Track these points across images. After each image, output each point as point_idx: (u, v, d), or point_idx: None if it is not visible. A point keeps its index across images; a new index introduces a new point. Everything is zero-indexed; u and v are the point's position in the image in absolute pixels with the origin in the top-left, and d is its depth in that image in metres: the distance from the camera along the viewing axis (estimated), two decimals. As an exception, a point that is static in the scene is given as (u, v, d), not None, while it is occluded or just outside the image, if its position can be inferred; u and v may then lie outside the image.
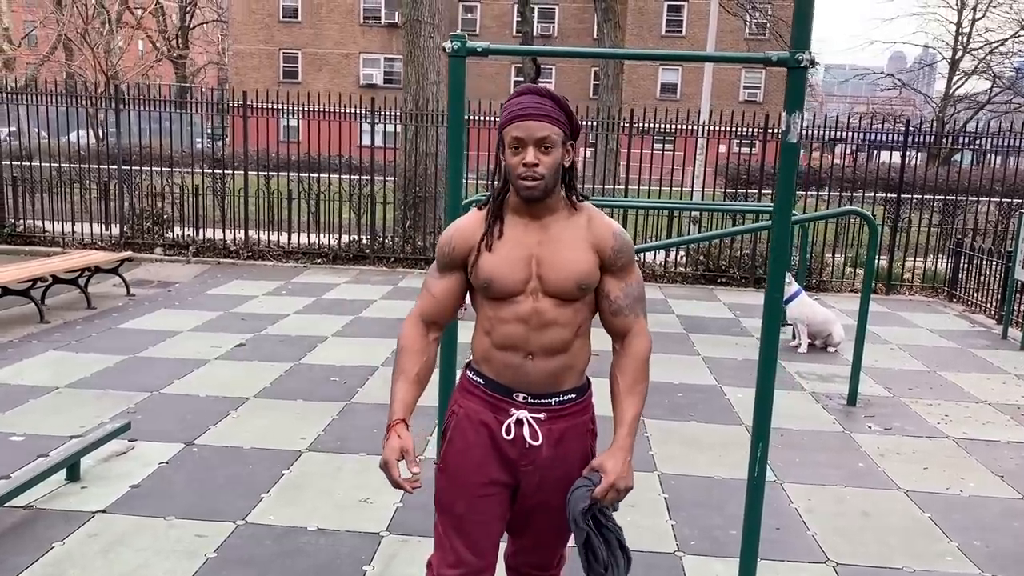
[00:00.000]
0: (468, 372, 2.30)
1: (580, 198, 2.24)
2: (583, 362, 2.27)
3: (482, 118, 11.08)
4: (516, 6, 31.53)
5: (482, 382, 2.24)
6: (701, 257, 11.17)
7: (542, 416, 2.20)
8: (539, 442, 2.20)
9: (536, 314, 2.14)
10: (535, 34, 35.47)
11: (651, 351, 2.28)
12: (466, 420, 2.25)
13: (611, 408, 2.23)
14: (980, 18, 35.90)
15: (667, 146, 11.94)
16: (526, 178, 2.09)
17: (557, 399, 2.22)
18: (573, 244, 2.16)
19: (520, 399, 2.20)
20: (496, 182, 2.26)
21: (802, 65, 2.79)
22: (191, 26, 44.91)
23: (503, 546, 2.37)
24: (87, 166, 12.08)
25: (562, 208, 2.20)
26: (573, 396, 2.25)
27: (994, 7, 35.10)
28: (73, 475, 4.15)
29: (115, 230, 11.68)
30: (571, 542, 2.28)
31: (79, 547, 3.51)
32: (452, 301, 2.25)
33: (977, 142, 12.24)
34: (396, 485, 2.10)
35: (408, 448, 2.11)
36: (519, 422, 2.19)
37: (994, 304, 9.22)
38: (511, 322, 2.16)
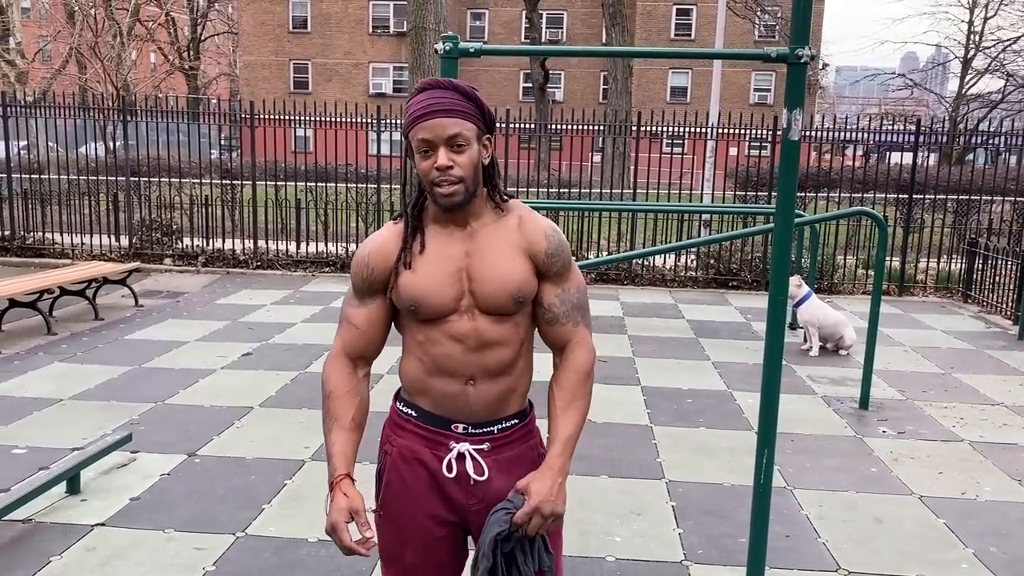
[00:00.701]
0: (398, 404, 2.04)
1: (505, 197, 2.01)
2: (525, 385, 2.03)
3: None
4: (524, 12, 31.56)
5: (415, 414, 1.99)
6: (712, 260, 11.07)
7: (485, 447, 1.96)
8: (484, 476, 1.95)
9: (475, 333, 1.91)
10: (543, 40, 35.51)
11: (593, 363, 2.04)
12: (400, 460, 1.99)
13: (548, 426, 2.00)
14: (992, 16, 35.73)
15: (677, 149, 11.86)
16: (441, 183, 1.85)
17: (499, 426, 1.98)
18: (504, 252, 1.93)
19: (459, 430, 1.95)
20: (410, 192, 2.02)
21: (802, 60, 2.73)
22: (202, 38, 45.26)
23: None
24: (97, 178, 12.13)
25: (488, 211, 1.97)
26: (516, 421, 2.01)
27: (1006, 4, 34.91)
28: (73, 488, 4.12)
29: (124, 241, 11.71)
30: None
31: (77, 561, 3.47)
32: (379, 330, 2.00)
33: (991, 141, 12.10)
34: (348, 551, 1.84)
35: (357, 508, 1.86)
36: (460, 456, 1.95)
37: (1010, 304, 9.08)
38: (446, 343, 1.91)
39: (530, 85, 33.09)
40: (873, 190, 11.95)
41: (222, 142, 17.95)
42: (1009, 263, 9.18)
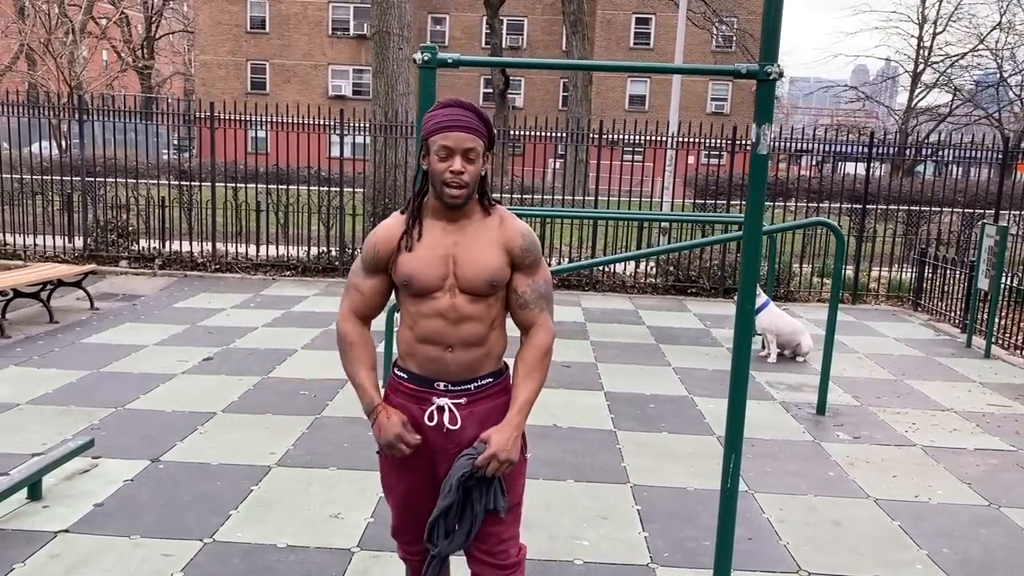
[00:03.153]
0: (395, 370, 2.51)
1: (491, 202, 2.44)
2: (499, 351, 2.46)
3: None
4: (485, 18, 31.63)
5: (406, 377, 2.45)
6: (671, 268, 11.22)
7: (463, 400, 2.41)
8: (457, 425, 2.39)
9: (453, 309, 2.34)
10: (504, 46, 35.62)
11: (552, 343, 2.45)
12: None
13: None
14: (940, 32, 36.71)
15: (636, 157, 12.01)
16: (451, 184, 2.28)
17: (476, 384, 2.42)
18: (486, 245, 2.36)
19: (441, 387, 2.40)
20: (415, 187, 2.44)
21: (771, 77, 2.82)
22: (157, 36, 44.51)
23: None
24: (50, 178, 11.88)
25: (477, 212, 2.41)
26: (490, 380, 2.45)
27: (954, 22, 35.97)
28: (35, 494, 4.05)
29: (79, 243, 11.49)
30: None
31: (41, 568, 3.42)
32: (379, 298, 2.48)
33: (939, 154, 12.46)
34: (412, 448, 2.37)
35: (405, 419, 2.39)
36: (440, 408, 2.40)
37: (958, 313, 9.36)
38: (431, 317, 2.35)
39: (491, 91, 33.15)
40: (828, 200, 12.23)
41: (176, 142, 17.69)
42: (957, 273, 9.47)
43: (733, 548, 3.12)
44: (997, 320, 8.37)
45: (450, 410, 2.39)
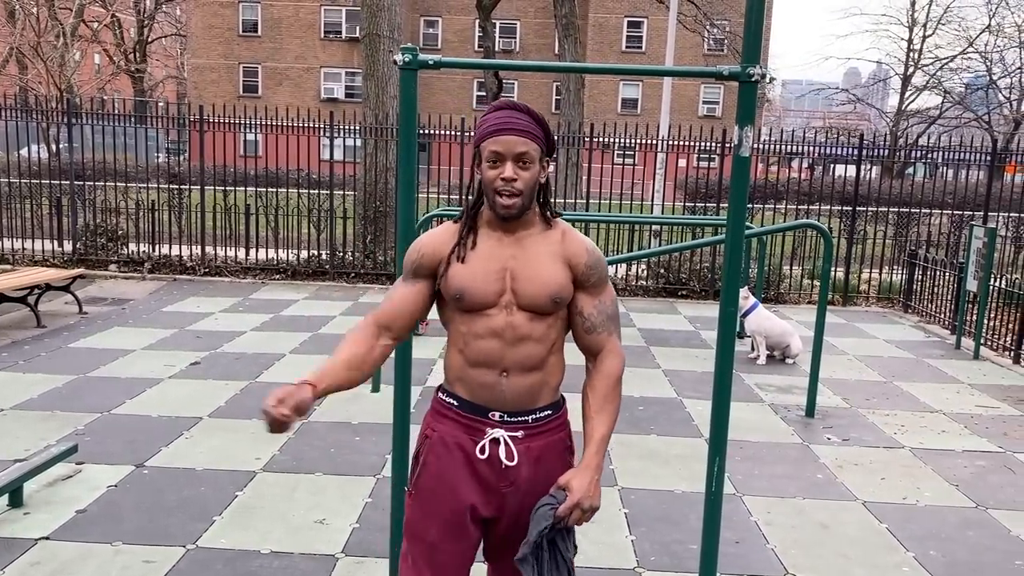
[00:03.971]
0: (440, 394, 2.24)
1: (554, 213, 2.23)
2: (557, 378, 2.22)
3: (443, 132, 11.04)
4: (477, 21, 31.64)
5: (456, 403, 2.18)
6: (662, 270, 11.22)
7: (519, 434, 2.15)
8: (515, 462, 2.13)
9: (510, 328, 2.10)
10: (497, 49, 35.61)
11: (623, 369, 2.23)
12: (440, 444, 2.17)
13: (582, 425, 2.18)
14: (930, 35, 36.88)
15: (628, 160, 12.01)
16: (503, 193, 2.07)
17: (534, 416, 2.16)
18: (547, 259, 2.14)
19: (496, 418, 2.14)
20: (469, 196, 2.24)
21: (753, 79, 2.80)
22: (149, 40, 44.40)
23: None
24: (39, 181, 11.82)
25: (536, 223, 2.19)
26: (549, 412, 2.20)
27: (943, 25, 36.14)
28: (16, 501, 4.01)
29: (68, 246, 11.43)
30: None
31: (20, 576, 3.39)
32: (409, 308, 2.18)
33: (929, 156, 12.50)
34: (269, 414, 1.91)
35: (290, 391, 1.94)
36: (495, 441, 2.13)
37: (947, 314, 9.38)
38: (485, 337, 2.10)
39: (484, 94, 33.15)
40: (818, 202, 12.25)
41: (168, 146, 17.66)
42: (946, 274, 9.48)
43: (719, 552, 3.10)
44: (986, 322, 8.38)
45: (506, 443, 2.13)
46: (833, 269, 9.89)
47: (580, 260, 2.16)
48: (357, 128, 11.54)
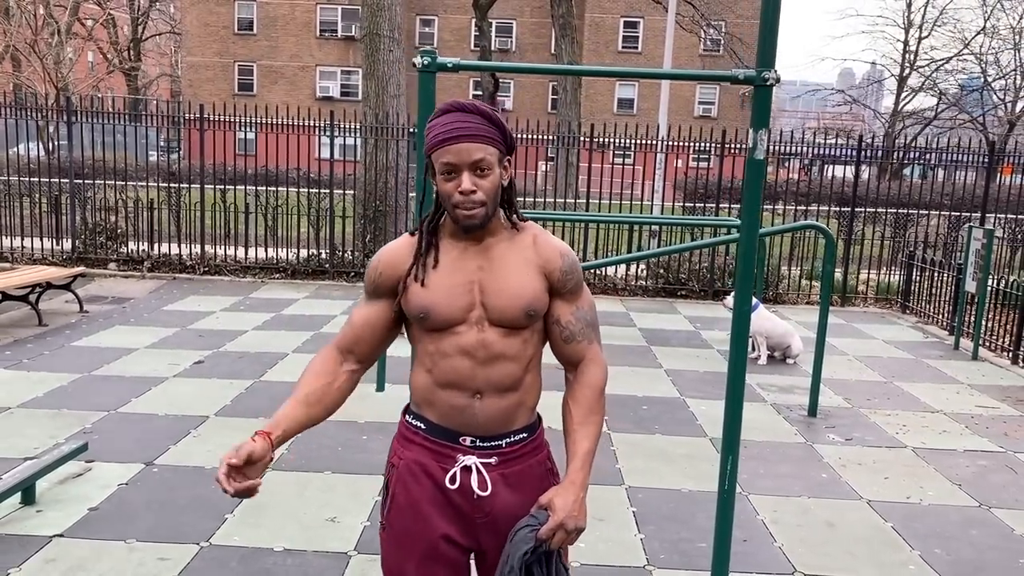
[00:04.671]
0: (407, 417, 2.05)
1: (520, 217, 2.04)
2: (534, 399, 2.05)
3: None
4: (474, 21, 31.65)
5: (423, 427, 1.99)
6: (661, 270, 11.27)
7: (493, 460, 1.97)
8: (488, 492, 1.95)
9: (482, 346, 1.91)
10: (493, 48, 35.60)
11: (606, 378, 2.07)
12: (407, 472, 1.99)
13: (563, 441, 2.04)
14: (926, 36, 37.03)
15: (626, 161, 12.05)
16: (463, 206, 1.86)
17: (508, 440, 1.99)
18: (518, 267, 1.95)
19: (467, 443, 1.96)
20: (419, 204, 2.07)
21: (768, 83, 2.84)
22: (143, 38, 44.28)
23: None
24: (37, 179, 11.80)
25: (503, 229, 1.99)
26: (525, 435, 2.02)
27: (939, 26, 36.24)
28: (28, 498, 4.03)
29: (67, 245, 11.42)
30: None
31: (36, 573, 3.40)
32: (370, 331, 2.01)
33: (926, 157, 12.57)
34: (223, 482, 1.78)
35: (244, 452, 1.80)
36: (466, 469, 1.95)
37: (946, 315, 9.44)
38: (454, 356, 1.92)
39: (480, 93, 33.16)
40: (816, 203, 12.31)
41: (163, 144, 17.61)
42: (944, 275, 9.55)
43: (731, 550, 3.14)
44: (984, 322, 8.45)
45: (478, 471, 1.95)
46: (833, 270, 9.94)
47: (555, 266, 1.98)
48: (357, 127, 11.54)
